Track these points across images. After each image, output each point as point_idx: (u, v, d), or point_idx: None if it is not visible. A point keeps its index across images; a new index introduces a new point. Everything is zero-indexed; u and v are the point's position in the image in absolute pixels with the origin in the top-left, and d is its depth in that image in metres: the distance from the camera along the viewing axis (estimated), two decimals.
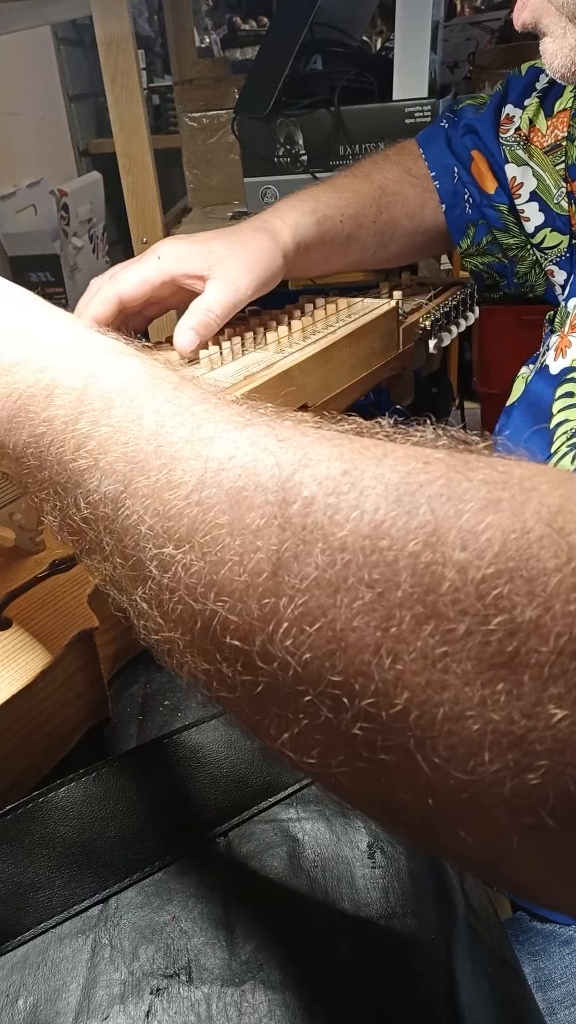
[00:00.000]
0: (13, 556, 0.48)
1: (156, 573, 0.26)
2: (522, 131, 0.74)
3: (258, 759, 0.42)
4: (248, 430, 0.26)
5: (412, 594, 0.21)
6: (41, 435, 0.30)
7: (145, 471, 0.27)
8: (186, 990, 0.34)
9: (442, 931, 0.37)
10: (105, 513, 0.27)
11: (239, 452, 0.25)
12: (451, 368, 1.64)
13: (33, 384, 0.31)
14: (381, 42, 1.93)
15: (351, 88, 1.11)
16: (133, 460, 0.27)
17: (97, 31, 1.00)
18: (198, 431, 0.27)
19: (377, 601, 0.21)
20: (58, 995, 0.34)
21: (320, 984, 0.34)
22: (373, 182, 0.78)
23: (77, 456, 0.28)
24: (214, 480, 0.25)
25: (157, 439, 0.27)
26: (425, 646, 0.20)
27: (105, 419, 0.29)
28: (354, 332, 0.73)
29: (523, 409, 0.65)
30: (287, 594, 0.22)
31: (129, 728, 0.46)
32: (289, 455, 0.25)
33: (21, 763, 0.41)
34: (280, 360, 0.66)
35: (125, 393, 0.29)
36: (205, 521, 0.25)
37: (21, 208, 1.60)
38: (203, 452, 0.26)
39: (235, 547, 0.24)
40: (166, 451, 0.27)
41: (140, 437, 0.28)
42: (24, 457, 0.30)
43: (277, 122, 1.12)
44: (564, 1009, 0.55)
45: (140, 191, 1.08)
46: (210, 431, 0.27)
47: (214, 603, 0.24)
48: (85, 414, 0.29)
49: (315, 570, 0.22)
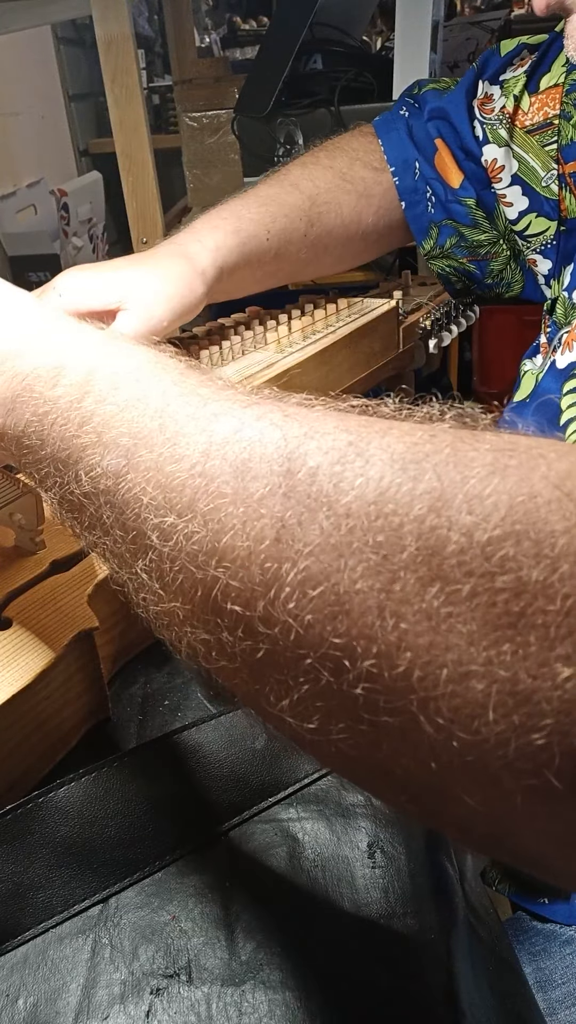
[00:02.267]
0: (13, 556, 0.48)
1: (157, 543, 0.26)
2: (507, 110, 0.69)
3: (258, 759, 0.42)
4: (254, 408, 0.27)
5: (417, 556, 0.21)
6: (44, 414, 0.30)
7: (149, 445, 0.27)
8: (186, 990, 0.34)
9: (442, 931, 0.37)
10: (106, 486, 0.28)
11: (244, 426, 0.26)
12: (451, 368, 1.64)
13: (39, 366, 0.31)
14: (381, 42, 1.93)
15: (351, 88, 1.11)
16: (137, 435, 0.27)
17: (97, 31, 1.00)
18: (203, 408, 0.27)
19: (381, 564, 0.21)
20: (58, 995, 0.34)
21: (320, 984, 0.34)
22: (302, 192, 0.72)
23: (81, 432, 0.29)
24: (219, 452, 0.25)
25: (162, 416, 0.27)
26: (429, 607, 0.20)
27: (111, 398, 0.29)
28: (354, 332, 0.73)
29: (534, 407, 0.65)
30: (290, 559, 0.22)
31: (129, 728, 0.46)
32: (295, 428, 0.25)
33: (21, 763, 0.41)
34: (280, 360, 0.66)
35: (132, 375, 0.30)
36: (208, 491, 0.25)
37: (21, 208, 1.60)
38: (208, 427, 0.26)
39: (238, 515, 0.24)
40: (170, 426, 0.27)
41: (145, 414, 0.28)
42: (25, 436, 0.31)
43: (277, 122, 1.12)
44: (564, 1009, 0.55)
45: (140, 191, 1.08)
46: (215, 408, 0.27)
47: (216, 570, 0.24)
48: (90, 393, 0.29)
49: (319, 535, 0.22)
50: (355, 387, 0.75)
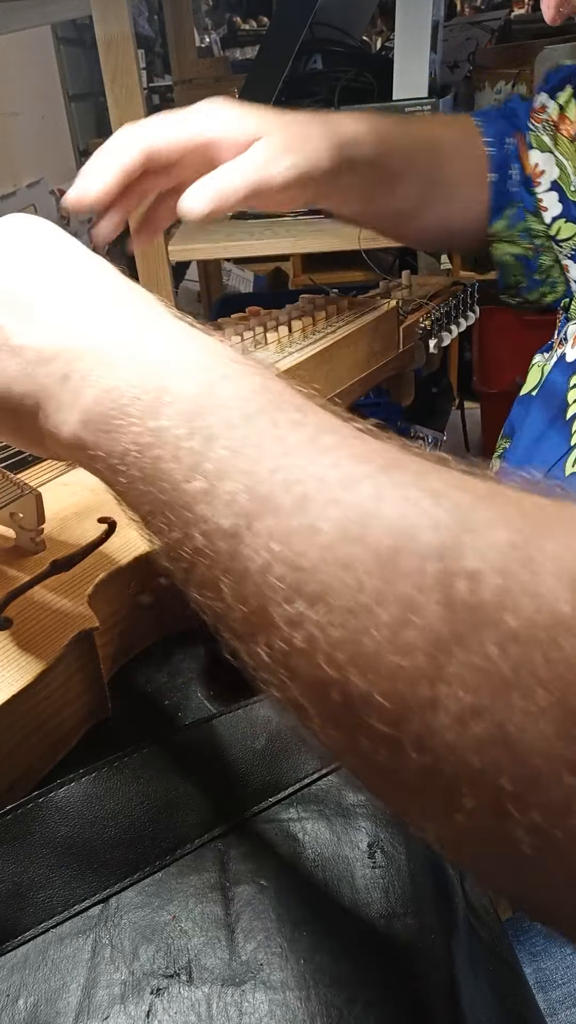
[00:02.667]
0: (13, 556, 0.48)
1: (285, 629, 0.23)
2: (552, 118, 0.71)
3: (258, 759, 0.42)
4: (392, 474, 0.23)
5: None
6: (147, 445, 0.27)
7: (271, 508, 0.24)
8: (186, 990, 0.34)
9: (442, 931, 0.37)
10: (222, 548, 0.25)
11: (385, 503, 0.22)
12: (451, 368, 1.64)
13: (137, 385, 0.28)
14: (381, 42, 1.93)
15: (351, 88, 1.11)
16: (256, 493, 0.24)
17: (97, 31, 1.00)
18: (333, 469, 0.24)
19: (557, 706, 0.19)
20: (58, 995, 0.34)
21: (320, 984, 0.34)
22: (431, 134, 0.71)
23: (191, 477, 0.25)
24: (358, 534, 0.22)
25: (284, 472, 0.24)
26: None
27: (223, 437, 0.25)
28: (354, 332, 0.73)
29: (541, 400, 0.65)
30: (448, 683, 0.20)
31: (129, 728, 0.46)
32: (446, 515, 0.22)
33: (21, 763, 0.41)
34: (280, 360, 0.66)
35: (244, 411, 0.26)
36: (347, 582, 0.22)
37: (21, 208, 1.60)
38: (341, 497, 0.23)
39: (385, 619, 0.21)
40: (296, 488, 0.24)
41: (264, 467, 0.24)
42: (123, 465, 0.27)
43: None
44: (565, 1010, 0.55)
45: None
46: (347, 470, 0.24)
47: (357, 678, 0.21)
48: (200, 430, 0.26)
49: (483, 660, 0.19)
50: (355, 387, 0.75)
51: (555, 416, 0.62)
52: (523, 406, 0.69)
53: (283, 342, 0.70)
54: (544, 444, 0.62)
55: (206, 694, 0.47)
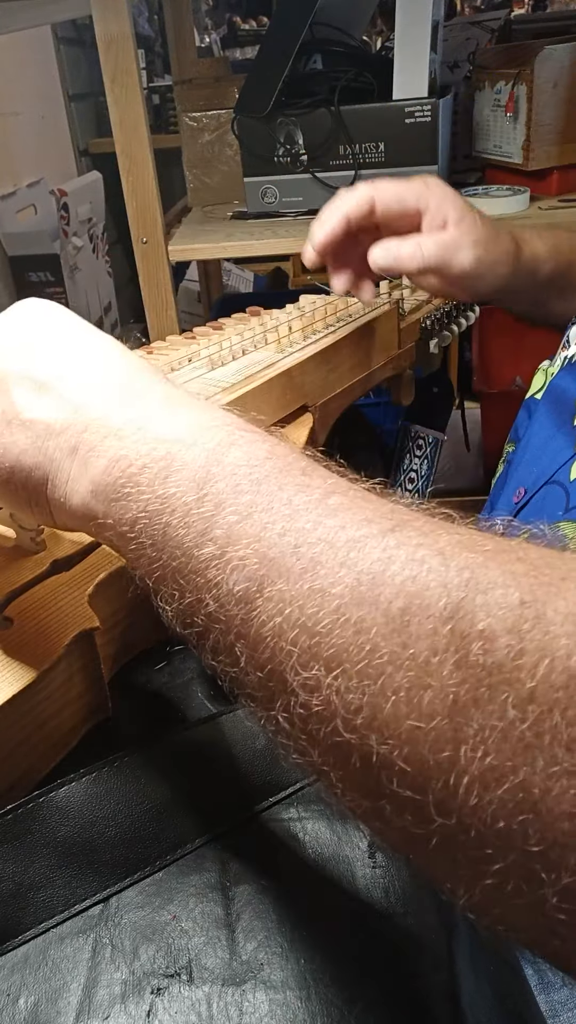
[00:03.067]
0: (13, 556, 0.48)
1: (302, 695, 0.23)
2: None
3: (258, 759, 0.42)
4: (397, 534, 0.24)
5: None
6: (155, 512, 0.27)
7: (283, 573, 0.24)
8: (187, 990, 0.34)
9: (443, 931, 0.37)
10: (234, 613, 0.25)
11: (394, 564, 0.23)
12: (451, 368, 1.64)
13: (146, 454, 0.28)
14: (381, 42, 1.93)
15: (351, 88, 1.11)
16: (267, 557, 0.24)
17: (97, 31, 1.00)
18: (341, 532, 0.24)
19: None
20: (59, 995, 0.34)
21: (321, 984, 0.34)
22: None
23: (201, 543, 0.26)
24: (369, 596, 0.22)
25: (294, 536, 0.24)
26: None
27: (231, 504, 0.26)
28: (354, 332, 0.73)
29: (548, 405, 0.65)
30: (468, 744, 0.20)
31: (129, 728, 0.46)
32: (454, 575, 0.22)
33: (21, 763, 0.41)
34: (280, 360, 0.66)
35: (252, 477, 0.27)
36: (361, 645, 0.22)
37: (21, 208, 1.60)
38: (351, 559, 0.23)
39: (401, 681, 0.21)
40: (305, 552, 0.24)
41: (273, 531, 0.25)
42: (132, 532, 0.28)
43: (277, 122, 1.12)
44: (567, 1011, 0.55)
45: (140, 191, 1.08)
46: (354, 533, 0.24)
47: (378, 744, 0.21)
48: (209, 496, 0.26)
49: (501, 721, 0.19)
50: (355, 387, 0.75)
51: (562, 420, 0.62)
52: (527, 410, 0.69)
53: (283, 342, 0.70)
54: (550, 447, 0.62)
55: (206, 694, 0.47)
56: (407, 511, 0.25)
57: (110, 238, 1.78)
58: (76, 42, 2.08)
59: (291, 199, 1.16)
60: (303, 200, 1.16)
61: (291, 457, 0.28)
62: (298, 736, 0.24)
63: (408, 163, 1.09)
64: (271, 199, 1.16)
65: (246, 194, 1.17)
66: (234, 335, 0.72)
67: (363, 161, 1.11)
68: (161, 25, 2.15)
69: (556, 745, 0.19)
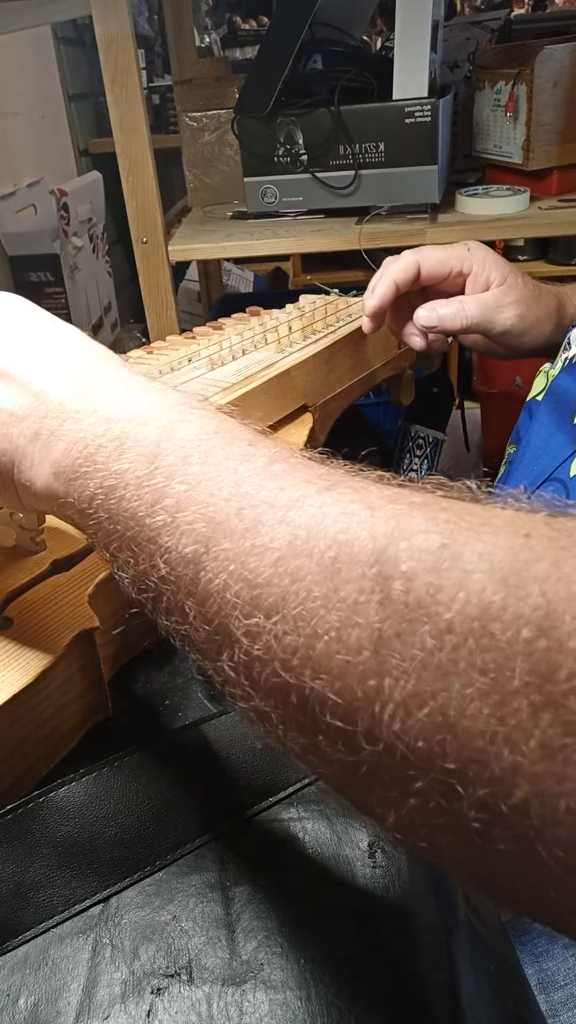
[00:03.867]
0: (13, 556, 0.48)
1: (244, 642, 0.25)
2: None
3: (258, 759, 0.42)
4: (332, 493, 0.25)
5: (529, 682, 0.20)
6: (111, 488, 0.29)
7: (227, 533, 0.26)
8: (187, 990, 0.34)
9: (443, 931, 0.37)
10: (184, 574, 0.27)
11: (327, 519, 0.24)
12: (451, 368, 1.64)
13: (102, 435, 0.30)
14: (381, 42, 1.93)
15: (351, 88, 1.11)
16: (213, 521, 0.26)
17: (97, 31, 1.00)
18: (280, 493, 0.26)
19: (491, 687, 0.20)
20: (59, 995, 0.34)
21: (320, 984, 0.34)
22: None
23: (153, 512, 0.28)
24: (304, 548, 0.24)
25: (237, 500, 0.26)
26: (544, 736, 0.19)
27: (180, 475, 0.28)
28: (354, 332, 0.73)
29: (549, 405, 0.65)
30: (391, 674, 0.21)
31: (129, 728, 0.46)
32: (381, 524, 0.24)
33: (22, 763, 0.41)
34: (280, 360, 0.66)
35: (200, 449, 0.29)
36: (296, 592, 0.24)
37: (21, 208, 1.60)
38: (288, 517, 0.25)
39: (331, 621, 0.23)
40: (248, 513, 0.26)
41: (219, 497, 0.27)
42: (91, 508, 0.30)
43: (277, 122, 1.12)
44: (567, 1011, 0.55)
45: (140, 191, 1.08)
46: (292, 493, 0.26)
47: (311, 680, 0.23)
48: (160, 469, 0.28)
49: (421, 651, 0.21)
50: (355, 387, 0.75)
51: (562, 419, 0.62)
52: (528, 411, 0.69)
53: (283, 342, 0.70)
54: (551, 445, 0.62)
55: (206, 694, 0.47)
56: (342, 474, 0.27)
57: (110, 238, 1.78)
58: (76, 42, 2.08)
59: (291, 199, 1.16)
60: (303, 200, 1.16)
61: (238, 431, 0.30)
62: (242, 682, 0.26)
63: (408, 163, 1.09)
64: (271, 199, 1.16)
65: (246, 194, 1.17)
66: (234, 335, 0.72)
67: (363, 161, 1.10)
68: (161, 25, 2.15)
69: (471, 669, 0.20)
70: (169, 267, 1.14)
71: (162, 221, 1.11)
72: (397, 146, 1.09)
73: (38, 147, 1.89)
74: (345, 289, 0.85)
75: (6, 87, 1.71)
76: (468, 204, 1.14)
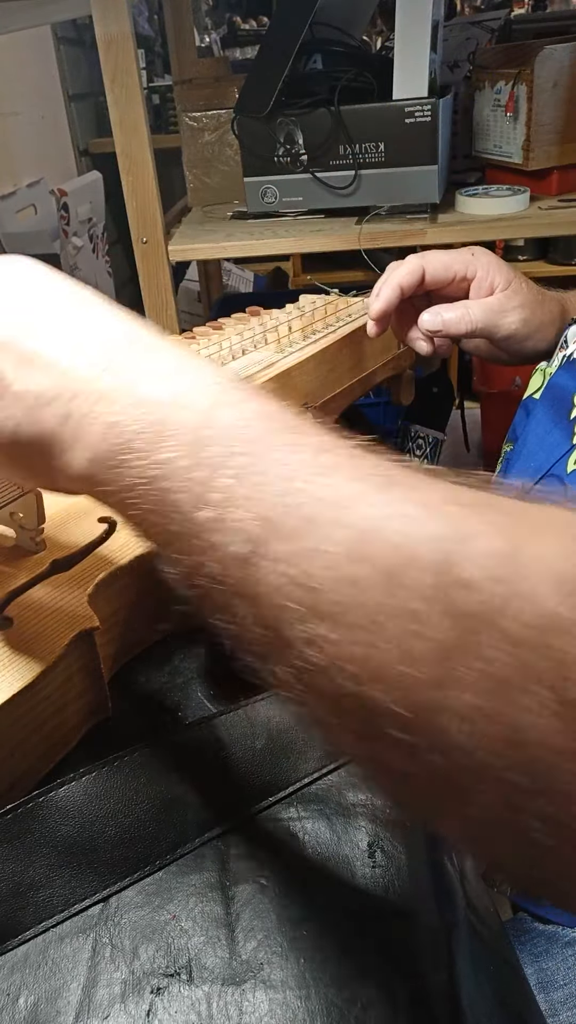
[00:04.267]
0: (13, 556, 0.48)
1: (300, 648, 0.24)
2: None
3: (258, 759, 0.42)
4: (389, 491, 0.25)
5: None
6: (154, 478, 0.27)
7: (279, 534, 0.25)
8: (187, 989, 0.34)
9: (443, 931, 0.37)
10: (235, 574, 0.26)
11: (385, 520, 0.24)
12: (451, 368, 1.64)
13: (139, 419, 0.28)
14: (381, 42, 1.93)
15: (351, 88, 1.11)
16: (264, 519, 0.25)
17: (97, 31, 1.00)
18: (333, 489, 0.25)
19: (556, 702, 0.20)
20: (58, 994, 0.34)
21: (320, 984, 0.34)
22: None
23: (199, 507, 0.26)
24: (363, 553, 0.23)
25: (287, 496, 0.25)
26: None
27: (226, 467, 0.26)
28: (354, 332, 0.73)
29: (546, 402, 0.65)
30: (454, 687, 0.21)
31: (129, 728, 0.46)
32: (441, 527, 0.23)
33: (21, 762, 0.41)
34: (280, 360, 0.66)
35: (244, 437, 0.27)
36: (358, 600, 0.23)
37: (21, 208, 1.60)
38: (343, 517, 0.24)
39: (394, 631, 0.22)
40: (299, 511, 0.25)
41: (268, 490, 0.26)
42: (132, 497, 0.28)
43: (277, 122, 1.12)
44: (567, 1011, 0.55)
45: (140, 191, 1.08)
46: (346, 490, 0.25)
47: (372, 689, 0.22)
48: (204, 460, 0.27)
49: (485, 664, 0.21)
50: (355, 387, 0.75)
51: (560, 415, 0.62)
52: (525, 409, 0.69)
53: (283, 342, 0.70)
54: (548, 441, 0.62)
55: (206, 694, 0.47)
56: (395, 467, 0.26)
57: (110, 238, 1.78)
58: (76, 42, 2.08)
59: (291, 199, 1.16)
60: (303, 200, 1.16)
61: (281, 415, 0.29)
62: (298, 688, 0.25)
63: (408, 163, 1.09)
64: (271, 199, 1.16)
65: (246, 194, 1.17)
66: (234, 335, 0.72)
67: (363, 161, 1.11)
68: (161, 25, 2.15)
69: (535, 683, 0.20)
70: (169, 267, 1.14)
71: (162, 221, 1.11)
72: (397, 146, 1.09)
73: (38, 147, 1.89)
74: (345, 289, 0.85)
75: (6, 87, 1.71)
76: (468, 204, 1.14)
